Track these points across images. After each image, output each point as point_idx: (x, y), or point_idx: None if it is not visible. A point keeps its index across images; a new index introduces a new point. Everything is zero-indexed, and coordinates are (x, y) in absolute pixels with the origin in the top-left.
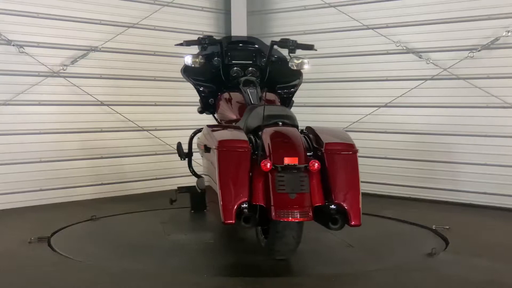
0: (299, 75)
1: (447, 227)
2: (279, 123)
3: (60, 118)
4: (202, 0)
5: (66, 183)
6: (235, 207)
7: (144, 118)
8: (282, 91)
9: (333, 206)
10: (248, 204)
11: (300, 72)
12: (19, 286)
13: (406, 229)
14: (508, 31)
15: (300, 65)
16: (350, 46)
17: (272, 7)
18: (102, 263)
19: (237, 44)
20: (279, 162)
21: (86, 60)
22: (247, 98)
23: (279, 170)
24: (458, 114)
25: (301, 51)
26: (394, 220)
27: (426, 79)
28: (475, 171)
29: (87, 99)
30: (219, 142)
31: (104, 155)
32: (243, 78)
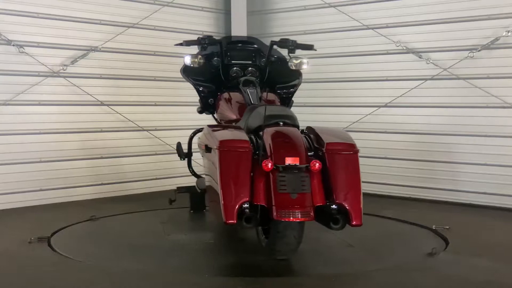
0: (298, 75)
1: (447, 227)
2: (280, 123)
3: (60, 118)
4: (202, 0)
5: (66, 183)
6: (237, 207)
7: (144, 118)
8: (281, 91)
9: (334, 206)
10: (250, 204)
11: (299, 72)
12: (19, 286)
13: (406, 229)
14: (508, 31)
15: (299, 65)
16: (350, 46)
17: (272, 7)
18: (102, 263)
19: (236, 44)
20: (280, 162)
21: (86, 60)
22: (247, 98)
23: (280, 170)
24: (458, 114)
25: (301, 51)
26: (394, 220)
27: (426, 79)
28: (475, 171)
29: (87, 99)
30: (220, 142)
31: (104, 155)
32: (243, 78)
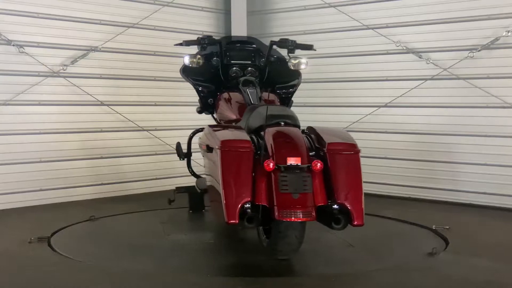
0: (298, 75)
1: (447, 227)
2: (281, 123)
3: (60, 118)
4: (202, 0)
5: (66, 183)
6: (238, 207)
7: (144, 118)
8: (281, 91)
9: (335, 206)
10: (251, 204)
11: (299, 72)
12: (19, 286)
13: (406, 229)
14: (508, 31)
15: (298, 65)
16: (350, 46)
17: (272, 7)
18: (102, 263)
19: (236, 44)
20: (282, 162)
21: (86, 60)
22: (247, 98)
23: (282, 170)
24: (458, 114)
25: (300, 51)
26: (394, 220)
27: (426, 79)
28: (475, 171)
29: (87, 99)
30: (221, 142)
31: (104, 155)
32: (243, 78)
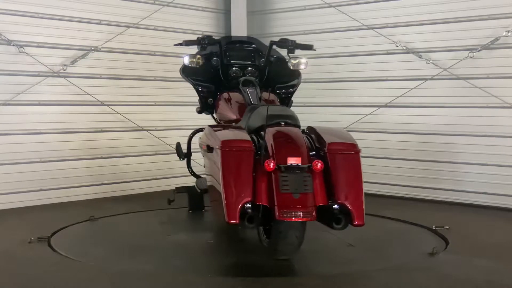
0: (298, 75)
1: (447, 227)
2: (282, 123)
3: (60, 118)
4: (202, 0)
5: (66, 183)
6: (239, 207)
7: (144, 118)
8: (281, 91)
9: (336, 206)
10: (252, 204)
11: (298, 72)
12: (19, 286)
13: (406, 229)
14: (508, 31)
15: (297, 65)
16: (350, 46)
17: (272, 7)
18: (102, 263)
19: (236, 44)
20: (283, 162)
21: (86, 60)
22: (247, 98)
23: (282, 170)
24: (458, 114)
25: (300, 51)
26: (394, 220)
27: (426, 79)
28: (475, 171)
29: (87, 99)
30: (222, 142)
31: (104, 155)
32: (243, 78)
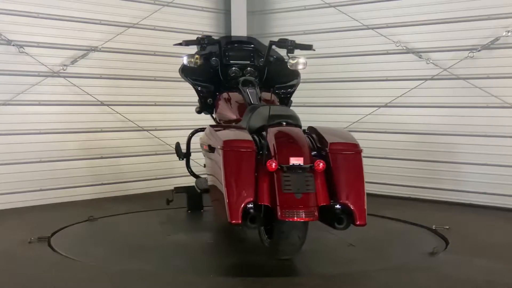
0: (297, 75)
1: (447, 227)
2: (283, 123)
3: (60, 118)
4: (202, 0)
5: (66, 183)
6: (241, 207)
7: (144, 118)
8: (280, 91)
9: (338, 206)
10: (254, 204)
11: (298, 72)
12: (19, 286)
13: (406, 229)
14: (508, 31)
15: (296, 65)
16: (350, 46)
17: (272, 7)
18: (102, 263)
19: (235, 44)
20: (285, 162)
21: (86, 60)
22: (246, 98)
23: (284, 170)
24: (458, 114)
25: (300, 51)
26: (394, 220)
27: (426, 79)
28: (475, 171)
29: (87, 99)
30: (224, 142)
31: (104, 155)
32: (242, 78)
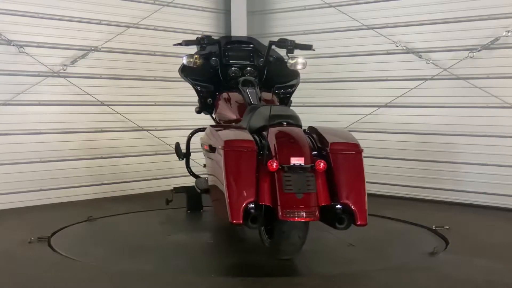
0: (297, 75)
1: (447, 227)
2: (284, 123)
3: (60, 118)
4: (202, 0)
5: (66, 183)
6: (243, 207)
7: (144, 118)
8: (280, 91)
9: (339, 206)
10: (255, 204)
11: (297, 72)
12: (19, 286)
13: (406, 229)
14: (508, 31)
15: (295, 64)
16: (350, 46)
17: (272, 7)
18: (102, 263)
19: (235, 44)
20: (286, 162)
21: (86, 60)
22: (246, 98)
23: (285, 170)
24: (458, 114)
25: (300, 51)
26: (394, 220)
27: (426, 79)
28: (475, 171)
29: (87, 99)
30: (225, 142)
31: (104, 155)
32: (242, 78)
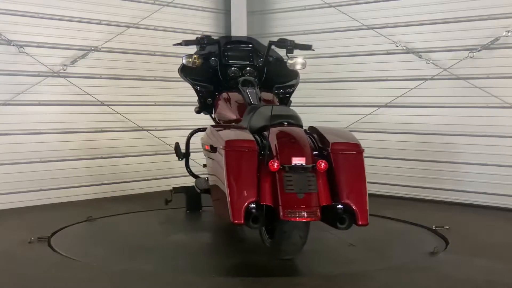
0: (296, 75)
1: (447, 227)
2: (285, 123)
3: (60, 118)
4: (202, 0)
5: (66, 183)
6: (244, 207)
7: (144, 118)
8: (279, 91)
9: (340, 205)
10: (256, 204)
11: (297, 72)
12: (19, 286)
13: (406, 229)
14: (508, 31)
15: (294, 64)
16: (350, 46)
17: (272, 7)
18: (102, 263)
19: (234, 44)
20: (287, 162)
21: (86, 60)
22: (246, 98)
23: (286, 170)
24: (458, 114)
25: (300, 51)
26: (394, 220)
27: (426, 79)
28: (475, 171)
29: (87, 99)
30: (226, 142)
31: (104, 155)
32: (242, 78)
